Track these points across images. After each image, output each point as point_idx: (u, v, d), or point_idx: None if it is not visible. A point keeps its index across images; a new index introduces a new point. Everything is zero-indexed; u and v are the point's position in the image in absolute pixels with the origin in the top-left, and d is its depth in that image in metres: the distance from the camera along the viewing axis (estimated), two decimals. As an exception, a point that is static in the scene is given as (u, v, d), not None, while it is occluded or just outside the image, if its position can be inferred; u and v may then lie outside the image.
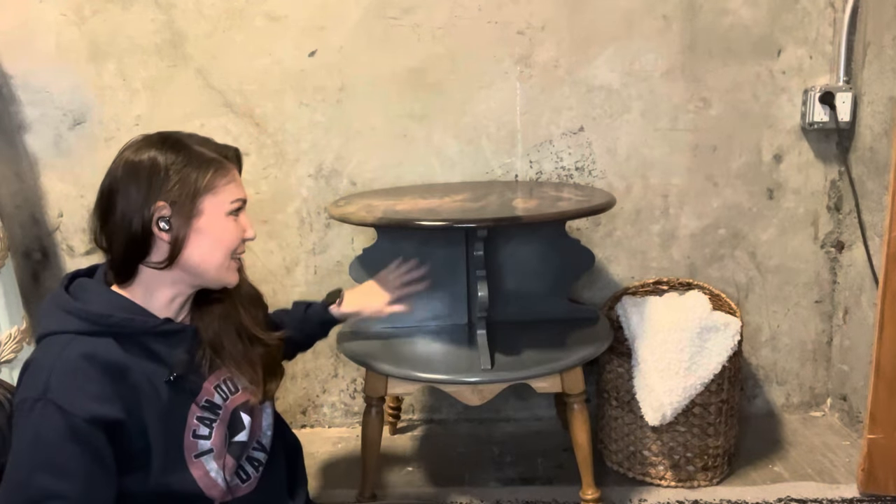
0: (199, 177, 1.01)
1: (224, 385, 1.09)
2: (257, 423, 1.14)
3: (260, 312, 1.21)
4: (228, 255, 1.06)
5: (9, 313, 1.76)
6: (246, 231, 1.08)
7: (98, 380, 0.92)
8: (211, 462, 1.03)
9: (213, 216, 1.03)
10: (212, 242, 1.03)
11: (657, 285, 2.00)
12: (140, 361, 0.98)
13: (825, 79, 1.97)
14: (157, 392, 0.98)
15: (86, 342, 0.94)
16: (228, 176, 1.05)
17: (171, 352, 1.02)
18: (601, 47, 1.96)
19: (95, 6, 1.91)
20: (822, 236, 2.08)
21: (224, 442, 1.06)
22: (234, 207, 1.06)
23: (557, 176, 2.04)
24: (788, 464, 1.91)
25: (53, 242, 2.07)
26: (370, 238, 1.94)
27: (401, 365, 1.57)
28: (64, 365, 0.92)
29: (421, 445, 2.08)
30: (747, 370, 2.16)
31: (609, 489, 1.79)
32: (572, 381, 1.59)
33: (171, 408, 0.99)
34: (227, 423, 1.07)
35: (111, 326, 0.97)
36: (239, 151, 1.11)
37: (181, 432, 1.01)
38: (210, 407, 1.05)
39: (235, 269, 1.09)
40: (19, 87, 1.95)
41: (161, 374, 0.99)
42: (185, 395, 1.02)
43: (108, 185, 1.01)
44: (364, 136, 2.01)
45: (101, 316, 0.97)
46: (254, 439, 1.14)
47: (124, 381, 0.94)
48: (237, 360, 1.11)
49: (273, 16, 1.93)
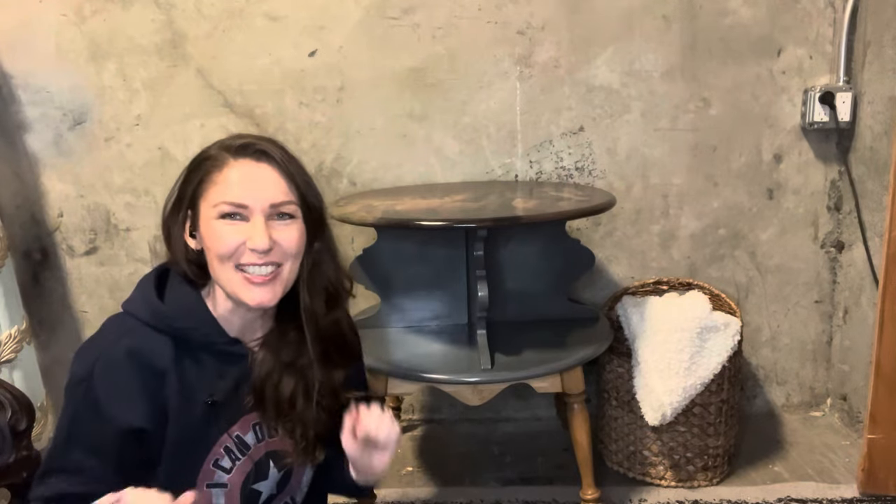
0: (194, 176, 0.93)
1: (263, 427, 0.99)
2: (296, 480, 1.06)
3: (340, 370, 1.03)
4: (226, 264, 0.91)
5: (9, 313, 1.76)
6: (250, 238, 0.90)
7: (134, 381, 0.89)
8: (220, 498, 0.97)
9: (204, 220, 0.92)
10: (209, 251, 0.93)
11: (657, 285, 2.00)
12: (185, 372, 0.92)
13: (825, 79, 1.97)
14: (190, 406, 0.92)
15: (142, 336, 0.91)
16: (223, 174, 0.91)
17: (224, 372, 0.95)
18: (601, 47, 1.96)
19: (95, 6, 1.91)
20: (822, 236, 2.08)
21: (240, 483, 0.98)
22: (222, 212, 0.90)
23: (557, 176, 2.04)
24: (788, 464, 1.91)
25: (53, 242, 2.07)
26: (370, 238, 1.94)
27: (401, 365, 1.57)
28: (110, 356, 0.90)
29: (421, 445, 2.08)
30: (747, 370, 2.16)
31: (609, 489, 1.79)
32: (572, 381, 1.59)
33: (199, 428, 0.94)
34: (252, 464, 0.99)
35: (172, 330, 0.92)
36: (263, 143, 0.94)
37: (202, 456, 0.95)
38: (239, 443, 0.98)
39: (255, 286, 0.92)
40: (19, 87, 1.95)
41: (202, 391, 0.93)
42: (219, 421, 0.95)
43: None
44: (364, 136, 2.01)
45: (167, 318, 0.93)
46: (288, 494, 1.06)
47: (160, 386, 0.91)
48: (282, 416, 0.97)
49: (273, 16, 1.93)
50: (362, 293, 2.05)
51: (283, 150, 0.96)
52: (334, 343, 1.02)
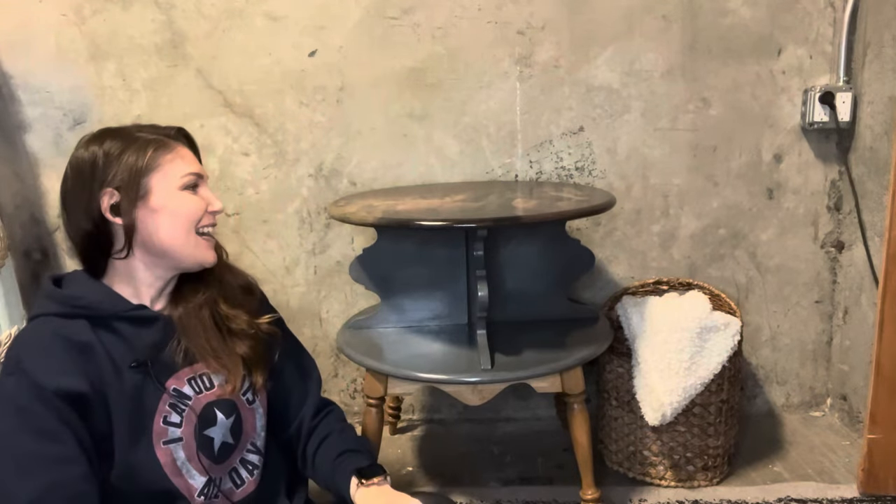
0: (140, 157, 1.02)
1: (199, 379, 1.08)
2: (250, 425, 1.13)
3: (250, 303, 1.18)
4: (192, 228, 1.06)
5: (9, 313, 1.76)
6: (210, 203, 1.08)
7: (64, 355, 0.96)
8: (179, 451, 1.04)
9: (164, 192, 1.04)
10: (171, 218, 1.04)
11: (657, 285, 2.00)
12: (108, 343, 1.00)
13: (825, 79, 1.97)
14: (122, 374, 1.00)
15: (58, 322, 0.99)
16: (173, 152, 1.06)
17: (141, 337, 1.03)
18: (601, 47, 1.96)
19: (95, 6, 1.91)
20: (822, 236, 2.08)
21: (193, 433, 1.05)
22: (187, 182, 1.06)
23: (557, 176, 2.04)
24: (788, 464, 1.91)
25: (53, 242, 2.07)
26: (370, 238, 1.94)
27: (401, 365, 1.57)
28: (34, 341, 0.98)
29: (421, 445, 2.08)
30: (747, 370, 2.16)
31: (609, 489, 1.79)
32: (572, 381, 1.59)
33: (136, 391, 1.01)
34: (197, 413, 1.06)
35: (82, 308, 1.00)
36: (184, 130, 1.12)
37: (150, 417, 1.02)
38: (179, 395, 1.05)
39: (209, 247, 1.09)
40: (19, 87, 1.95)
41: (128, 359, 1.01)
42: (153, 381, 1.03)
43: (61, 189, 1.06)
44: (364, 136, 2.01)
45: (73, 297, 1.01)
46: (247, 441, 1.12)
47: (89, 359, 0.98)
48: (212, 354, 1.08)
49: (273, 16, 1.93)
50: (362, 293, 2.06)
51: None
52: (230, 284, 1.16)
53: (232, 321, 1.12)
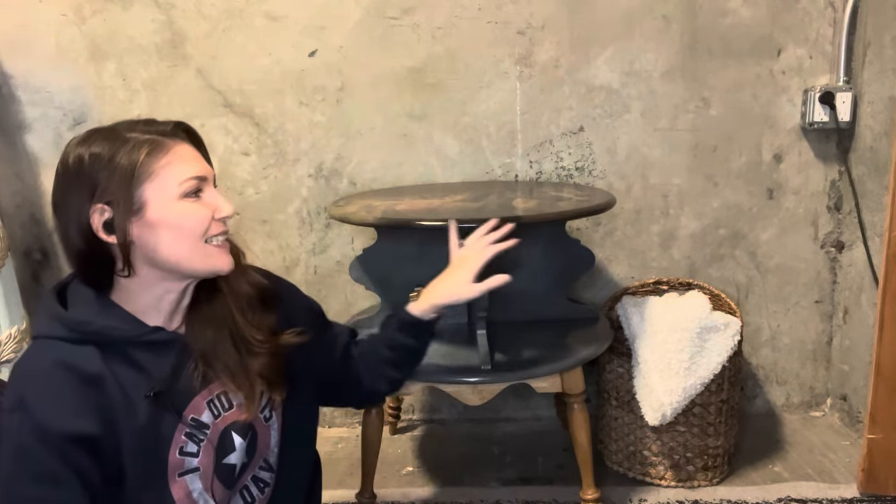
0: (130, 164, 0.88)
1: (217, 401, 0.99)
2: (263, 442, 1.05)
3: (269, 317, 1.06)
4: (198, 241, 0.93)
5: (9, 313, 1.76)
6: (217, 209, 0.94)
7: (71, 392, 0.86)
8: (196, 482, 0.96)
9: (161, 204, 0.90)
10: (171, 233, 0.91)
11: (657, 285, 2.00)
12: (120, 373, 0.90)
13: (825, 79, 1.97)
14: (135, 407, 0.90)
15: (64, 349, 0.88)
16: (169, 154, 0.91)
17: (158, 363, 0.93)
18: (601, 47, 1.96)
19: (95, 6, 1.91)
20: (822, 236, 2.08)
21: (212, 462, 0.98)
22: (187, 188, 0.91)
23: (557, 176, 2.04)
24: (788, 464, 1.91)
25: (53, 242, 2.07)
26: (370, 238, 1.94)
27: (401, 365, 1.57)
28: (38, 374, 0.88)
29: (421, 445, 2.08)
30: (747, 370, 2.16)
31: (609, 489, 1.78)
32: (572, 381, 1.59)
33: (151, 424, 0.91)
34: (215, 443, 0.98)
35: (91, 335, 0.90)
36: (184, 124, 0.97)
37: (165, 449, 0.93)
38: (197, 425, 0.96)
39: (223, 253, 0.96)
40: (19, 87, 1.95)
41: (141, 388, 0.91)
42: (169, 411, 0.93)
43: (51, 199, 0.93)
44: (364, 136, 2.01)
45: (80, 323, 0.90)
46: (260, 458, 1.06)
47: (99, 393, 0.88)
48: (231, 373, 0.98)
49: (273, 16, 1.93)
50: (362, 293, 2.05)
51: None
52: (245, 293, 1.04)
53: (251, 339, 1.01)
